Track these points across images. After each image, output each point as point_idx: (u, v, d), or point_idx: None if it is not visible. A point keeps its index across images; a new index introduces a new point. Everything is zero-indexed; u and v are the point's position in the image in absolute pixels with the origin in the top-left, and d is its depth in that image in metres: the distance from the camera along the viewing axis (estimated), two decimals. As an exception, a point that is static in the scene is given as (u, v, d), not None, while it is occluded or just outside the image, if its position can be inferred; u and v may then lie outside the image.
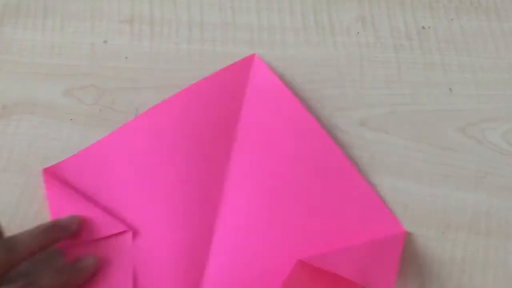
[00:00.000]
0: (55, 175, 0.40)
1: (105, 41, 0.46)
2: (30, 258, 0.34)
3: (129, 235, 0.38)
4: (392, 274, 0.34)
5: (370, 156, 0.41)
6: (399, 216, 0.39)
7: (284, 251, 0.37)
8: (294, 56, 0.44)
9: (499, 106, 0.42)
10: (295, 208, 0.38)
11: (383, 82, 0.43)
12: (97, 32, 0.46)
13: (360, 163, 0.41)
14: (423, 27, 0.45)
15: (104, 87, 0.44)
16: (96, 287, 0.36)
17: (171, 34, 0.46)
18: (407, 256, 0.38)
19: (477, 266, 0.37)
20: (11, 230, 0.36)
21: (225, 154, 0.40)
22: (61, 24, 0.47)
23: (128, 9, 0.47)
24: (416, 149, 0.41)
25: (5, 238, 0.34)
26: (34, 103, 0.43)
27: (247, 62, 0.43)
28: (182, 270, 0.37)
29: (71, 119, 0.43)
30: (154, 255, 0.37)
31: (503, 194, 0.39)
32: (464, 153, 0.41)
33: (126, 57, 0.45)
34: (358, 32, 0.45)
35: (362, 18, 0.46)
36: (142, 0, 0.47)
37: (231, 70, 0.43)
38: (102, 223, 0.38)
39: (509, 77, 0.43)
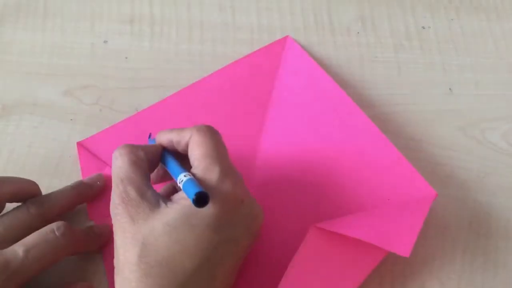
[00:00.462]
0: (88, 148, 0.41)
1: (105, 41, 0.46)
2: (62, 214, 0.37)
3: None
4: (414, 236, 0.34)
5: (370, 156, 0.41)
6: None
7: (312, 216, 0.38)
8: (294, 56, 0.44)
9: (499, 106, 0.42)
10: (326, 174, 0.39)
11: (383, 82, 0.43)
12: (97, 32, 0.46)
13: (360, 163, 0.41)
14: (423, 27, 0.45)
15: (104, 87, 0.44)
16: None
17: (171, 34, 0.46)
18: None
19: (478, 265, 0.37)
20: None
21: (257, 129, 0.41)
22: (61, 24, 0.47)
23: (128, 9, 0.47)
24: (416, 149, 0.41)
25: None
26: (34, 103, 0.43)
27: (280, 44, 0.44)
28: None
29: (71, 119, 0.43)
30: None
31: (503, 194, 0.39)
32: (464, 153, 0.41)
33: (126, 57, 0.45)
34: (358, 32, 0.45)
35: (362, 18, 0.46)
36: (142, 0, 0.47)
37: (264, 52, 0.44)
38: None
39: (509, 77, 0.43)
